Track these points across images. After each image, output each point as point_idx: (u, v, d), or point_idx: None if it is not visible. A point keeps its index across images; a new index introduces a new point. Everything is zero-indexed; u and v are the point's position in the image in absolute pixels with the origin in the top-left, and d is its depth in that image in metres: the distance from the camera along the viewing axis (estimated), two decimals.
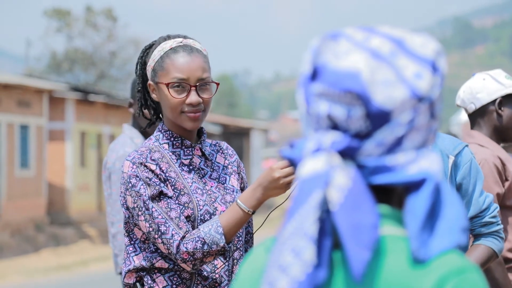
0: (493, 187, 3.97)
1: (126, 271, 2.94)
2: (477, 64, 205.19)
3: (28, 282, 16.78)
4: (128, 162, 2.89)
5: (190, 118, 2.91)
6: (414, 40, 1.38)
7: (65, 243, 24.21)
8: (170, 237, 2.81)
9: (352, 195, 1.31)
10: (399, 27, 1.42)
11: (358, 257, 1.29)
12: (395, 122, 1.34)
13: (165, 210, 2.84)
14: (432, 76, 1.36)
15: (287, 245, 1.32)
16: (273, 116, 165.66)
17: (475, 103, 4.09)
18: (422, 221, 1.31)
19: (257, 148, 43.57)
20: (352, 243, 1.29)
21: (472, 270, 1.33)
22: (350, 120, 1.34)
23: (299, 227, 1.32)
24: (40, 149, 25.02)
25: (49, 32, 40.24)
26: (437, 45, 1.39)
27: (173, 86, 2.90)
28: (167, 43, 2.96)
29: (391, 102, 1.33)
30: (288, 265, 1.30)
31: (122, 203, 2.92)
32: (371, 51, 1.35)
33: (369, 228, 1.30)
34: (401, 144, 1.35)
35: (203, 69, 2.93)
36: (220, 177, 3.02)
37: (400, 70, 1.35)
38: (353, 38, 1.37)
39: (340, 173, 1.32)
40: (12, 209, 23.31)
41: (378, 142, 1.34)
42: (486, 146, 4.05)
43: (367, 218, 1.30)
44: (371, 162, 1.34)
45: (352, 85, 1.33)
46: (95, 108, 27.61)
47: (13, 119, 23.69)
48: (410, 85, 1.34)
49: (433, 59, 1.37)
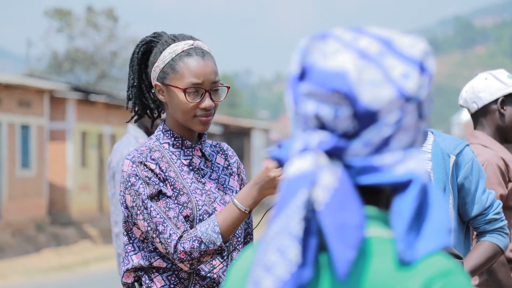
0: (496, 188, 3.97)
1: (124, 271, 2.94)
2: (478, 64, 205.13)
3: (29, 282, 16.79)
4: (128, 161, 2.89)
5: (201, 122, 2.92)
6: (403, 41, 1.38)
7: (66, 243, 24.22)
8: (167, 236, 2.81)
9: (338, 195, 1.31)
10: (399, 27, 1.42)
11: (342, 257, 1.29)
12: (382, 122, 1.34)
13: (164, 210, 2.84)
14: (419, 76, 1.36)
15: (272, 245, 1.32)
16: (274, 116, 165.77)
17: (477, 102, 4.08)
18: (408, 223, 1.31)
19: (258, 148, 43.57)
20: (337, 243, 1.29)
21: (458, 272, 1.32)
22: (337, 120, 1.34)
23: (284, 227, 1.32)
24: (41, 149, 25.03)
25: (50, 32, 40.27)
26: (425, 45, 1.39)
27: (189, 91, 2.91)
28: (178, 45, 2.94)
29: (378, 102, 1.33)
30: (273, 265, 1.31)
31: (121, 202, 2.92)
32: (359, 51, 1.35)
33: (354, 228, 1.30)
34: (388, 144, 1.34)
35: (215, 73, 2.95)
36: (219, 178, 3.02)
37: (388, 70, 1.34)
38: (342, 39, 1.37)
39: (327, 172, 1.32)
40: (13, 209, 23.32)
41: (365, 142, 1.34)
42: (490, 146, 4.04)
43: (353, 218, 1.30)
44: (358, 162, 1.34)
45: (339, 85, 1.33)
46: (96, 108, 27.62)
47: (14, 119, 23.70)
48: (398, 85, 1.34)
49: (421, 60, 1.37)
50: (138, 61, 3.04)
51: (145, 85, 3.06)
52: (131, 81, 3.05)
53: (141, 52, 3.04)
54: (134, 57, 3.05)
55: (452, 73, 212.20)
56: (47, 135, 25.62)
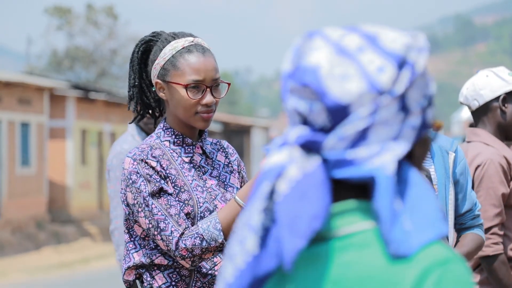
0: (498, 187, 3.97)
1: (125, 268, 2.95)
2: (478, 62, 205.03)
3: (29, 280, 16.79)
4: (129, 158, 2.89)
5: (203, 119, 2.93)
6: (388, 36, 1.38)
7: (66, 241, 24.23)
8: (169, 234, 2.82)
9: (299, 187, 1.33)
10: (399, 25, 1.42)
11: (289, 245, 1.30)
12: (355, 116, 1.34)
13: (165, 207, 2.84)
14: (395, 70, 1.35)
15: (236, 236, 1.36)
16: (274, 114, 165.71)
17: (478, 99, 4.07)
18: (388, 218, 1.31)
19: (258, 145, 43.57)
20: (286, 232, 1.31)
21: (456, 260, 1.32)
22: (312, 114, 1.36)
23: (247, 218, 1.36)
24: (41, 147, 25.03)
25: (50, 30, 40.26)
26: (412, 40, 1.38)
27: (190, 87, 2.91)
28: (178, 42, 2.94)
29: (347, 96, 1.34)
30: (234, 254, 1.35)
31: (122, 199, 2.92)
32: (338, 48, 1.37)
33: (307, 218, 1.31)
34: (366, 138, 1.35)
35: (216, 69, 2.95)
36: (220, 175, 3.02)
37: (363, 65, 1.35)
38: (328, 36, 1.39)
39: (294, 166, 1.34)
40: (13, 207, 23.32)
41: (340, 136, 1.35)
42: (492, 145, 4.03)
43: (309, 209, 1.31)
44: (333, 156, 1.35)
45: (309, 79, 1.35)
46: (95, 106, 27.62)
47: (14, 117, 23.70)
48: (370, 78, 1.34)
49: (402, 54, 1.36)
50: (138, 60, 3.04)
51: (146, 84, 3.06)
52: (132, 81, 3.04)
53: (141, 52, 3.04)
54: (134, 57, 3.04)
55: (452, 71, 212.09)
56: (47, 133, 25.62)
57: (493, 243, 3.97)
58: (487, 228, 3.97)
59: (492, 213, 3.98)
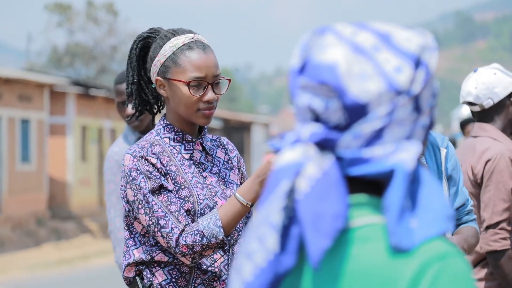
0: (508, 181, 3.98)
1: (125, 265, 2.94)
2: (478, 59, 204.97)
3: (29, 276, 16.80)
4: (129, 155, 2.89)
5: (204, 115, 2.93)
6: (401, 35, 1.39)
7: (67, 238, 24.24)
8: (169, 230, 2.81)
9: (319, 185, 1.33)
10: (400, 22, 1.42)
11: (315, 246, 1.30)
12: (372, 115, 1.35)
13: (165, 204, 2.84)
14: (412, 70, 1.36)
15: (254, 233, 1.35)
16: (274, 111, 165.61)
17: (493, 98, 4.06)
18: (397, 211, 1.31)
19: (258, 142, 43.57)
20: (311, 231, 1.31)
21: (455, 255, 1.32)
22: (328, 112, 1.36)
23: (265, 216, 1.35)
24: (41, 143, 25.03)
25: (50, 27, 40.25)
26: (425, 39, 1.39)
27: (192, 84, 2.91)
28: (179, 38, 2.94)
29: (366, 95, 1.34)
30: (252, 252, 1.34)
31: (122, 196, 2.92)
32: (353, 45, 1.37)
33: (330, 218, 1.31)
34: (381, 137, 1.35)
35: (217, 65, 2.95)
36: (220, 172, 3.02)
37: (380, 64, 1.35)
38: (340, 33, 1.39)
39: (312, 163, 1.34)
40: (13, 203, 23.33)
41: (356, 135, 1.35)
42: (500, 140, 4.05)
43: (331, 208, 1.31)
44: (348, 154, 1.35)
45: (328, 77, 1.35)
46: (96, 102, 27.61)
47: (14, 114, 23.70)
48: (388, 78, 1.35)
49: (417, 54, 1.37)
50: (136, 57, 3.03)
51: (144, 81, 3.05)
52: (131, 78, 3.03)
53: (139, 48, 3.03)
54: (132, 54, 3.04)
55: (452, 68, 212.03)
56: (47, 130, 25.62)
57: (501, 238, 3.96)
58: (495, 222, 3.97)
59: (501, 208, 3.98)
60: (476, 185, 4.07)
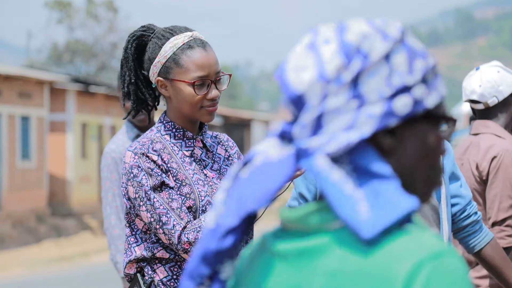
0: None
1: (127, 262, 2.94)
2: (478, 56, 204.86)
3: (29, 273, 16.81)
4: (130, 152, 2.89)
5: (208, 112, 2.94)
6: (355, 26, 1.39)
7: (67, 234, 24.24)
8: (171, 227, 2.82)
9: (255, 172, 1.39)
10: (400, 19, 1.42)
11: (222, 223, 1.38)
12: (309, 104, 1.37)
13: (167, 201, 2.84)
14: (344, 59, 1.36)
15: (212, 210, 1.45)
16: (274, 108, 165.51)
17: (498, 96, 4.07)
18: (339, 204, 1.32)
19: (258, 139, 43.56)
20: (225, 211, 1.39)
21: (450, 253, 1.30)
22: (287, 105, 1.42)
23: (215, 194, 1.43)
24: (41, 140, 25.03)
25: (50, 24, 40.23)
26: (366, 29, 1.38)
27: (197, 84, 2.91)
28: (178, 38, 2.93)
29: (301, 85, 1.38)
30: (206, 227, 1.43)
31: (123, 193, 2.92)
32: (310, 42, 1.40)
33: (247, 201, 1.37)
34: (321, 127, 1.37)
35: (217, 62, 2.95)
36: (221, 169, 3.02)
37: (321, 55, 1.38)
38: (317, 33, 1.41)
39: (262, 154, 1.41)
40: (14, 200, 23.33)
41: (301, 125, 1.38)
42: (504, 137, 4.05)
43: (254, 193, 1.37)
44: (297, 145, 1.39)
45: (278, 73, 1.42)
46: (96, 99, 27.61)
47: (14, 111, 23.70)
48: (320, 68, 1.37)
49: (354, 43, 1.37)
50: (132, 57, 3.00)
51: (140, 80, 3.03)
52: (128, 78, 3.00)
53: (134, 48, 3.01)
54: (127, 53, 3.00)
55: (453, 65, 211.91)
56: (47, 127, 25.61)
57: (507, 235, 3.95)
58: (502, 219, 3.95)
59: (507, 204, 3.97)
60: (481, 182, 4.06)
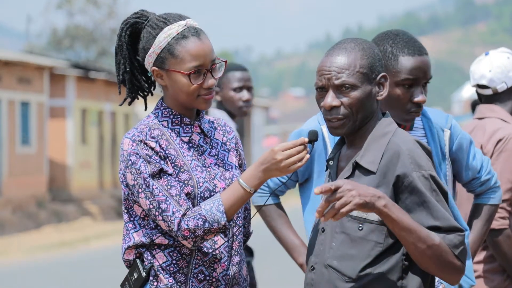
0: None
1: (125, 248, 2.95)
2: (478, 41, 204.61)
3: (29, 258, 16.84)
4: (128, 139, 2.89)
5: (205, 100, 2.93)
6: None
7: (67, 220, 24.27)
8: (171, 214, 2.81)
9: None
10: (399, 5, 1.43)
11: None
12: None
13: (166, 188, 2.84)
14: None
15: None
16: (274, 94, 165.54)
17: (507, 82, 4.12)
18: None
19: (258, 125, 43.55)
20: None
21: None
22: None
23: None
24: (41, 126, 25.02)
25: (49, 9, 40.13)
26: None
27: (192, 74, 2.90)
28: (172, 28, 2.91)
29: None
30: None
31: (121, 180, 2.92)
32: None
33: None
34: None
35: (212, 50, 2.94)
36: (219, 154, 3.02)
37: None
38: None
39: None
40: (14, 186, 23.35)
41: None
42: (509, 121, 4.09)
43: None
44: None
45: None
46: (96, 85, 27.58)
47: (14, 96, 23.68)
48: None
49: None
50: (126, 45, 2.98)
51: (136, 68, 3.01)
52: (123, 66, 2.99)
53: (128, 35, 2.98)
54: (122, 42, 2.97)
55: (453, 50, 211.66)
56: (47, 112, 25.60)
57: (500, 217, 3.99)
58: None
59: (505, 188, 4.01)
60: None
